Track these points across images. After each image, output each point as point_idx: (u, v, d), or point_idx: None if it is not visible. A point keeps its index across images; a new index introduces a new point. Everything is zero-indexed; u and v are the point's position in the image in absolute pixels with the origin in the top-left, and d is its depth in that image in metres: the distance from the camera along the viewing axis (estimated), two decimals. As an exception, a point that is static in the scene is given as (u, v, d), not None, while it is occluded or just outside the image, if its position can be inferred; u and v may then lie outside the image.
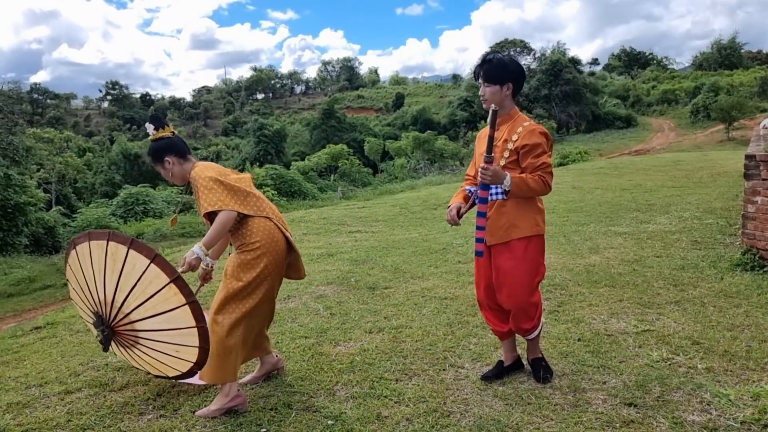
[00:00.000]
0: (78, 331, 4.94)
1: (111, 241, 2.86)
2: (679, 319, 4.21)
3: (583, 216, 8.70)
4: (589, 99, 54.34)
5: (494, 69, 3.05)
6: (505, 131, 3.11)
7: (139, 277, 2.91)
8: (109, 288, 2.94)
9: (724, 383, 3.18)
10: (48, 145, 46.42)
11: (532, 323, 3.23)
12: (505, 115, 3.14)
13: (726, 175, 13.04)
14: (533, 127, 3.07)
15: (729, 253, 5.91)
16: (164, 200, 28.40)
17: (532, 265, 3.14)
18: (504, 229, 3.11)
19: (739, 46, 71.15)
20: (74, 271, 2.97)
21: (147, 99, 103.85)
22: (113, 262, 2.90)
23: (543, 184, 3.03)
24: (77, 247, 2.82)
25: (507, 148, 3.08)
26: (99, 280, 2.86)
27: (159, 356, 3.16)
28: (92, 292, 2.96)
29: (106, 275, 2.90)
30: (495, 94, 3.06)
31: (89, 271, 2.91)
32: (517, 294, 3.13)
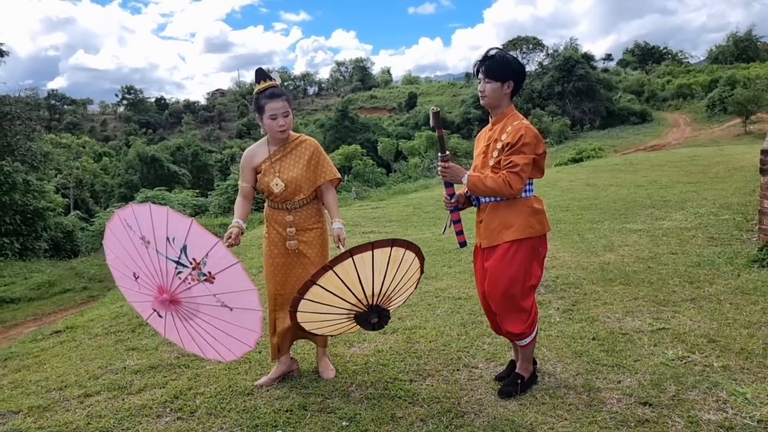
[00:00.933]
0: (96, 335, 5.01)
1: (408, 248, 2.99)
2: (694, 316, 4.18)
3: (598, 213, 8.65)
4: (603, 95, 53.98)
5: (497, 65, 3.00)
6: (497, 130, 3.07)
7: (406, 268, 3.08)
8: (386, 284, 3.02)
9: (740, 381, 3.16)
10: (65, 150, 46.98)
11: (521, 328, 3.11)
12: (501, 113, 3.09)
13: (743, 170, 12.89)
14: (520, 126, 2.97)
15: (746, 249, 5.85)
16: (180, 203, 28.64)
17: (521, 269, 3.05)
18: (496, 231, 3.07)
19: (755, 39, 70.23)
20: (359, 267, 2.90)
21: (162, 103, 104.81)
22: (406, 264, 3.02)
23: (504, 184, 2.92)
24: (354, 256, 2.85)
25: (496, 147, 3.03)
26: (378, 279, 2.96)
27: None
28: (366, 291, 2.98)
29: (396, 275, 3.01)
30: (495, 91, 3.02)
31: (381, 270, 2.96)
32: (503, 298, 3.07)
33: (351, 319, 3.04)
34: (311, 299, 2.88)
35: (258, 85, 3.34)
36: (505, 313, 3.11)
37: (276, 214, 3.44)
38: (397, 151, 48.06)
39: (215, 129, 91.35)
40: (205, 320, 2.95)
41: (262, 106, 3.30)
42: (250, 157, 3.47)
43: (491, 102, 3.08)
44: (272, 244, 3.45)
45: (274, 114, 3.28)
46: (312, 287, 2.83)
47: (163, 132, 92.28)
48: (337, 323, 3.08)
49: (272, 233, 3.45)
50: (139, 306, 3.13)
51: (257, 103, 3.33)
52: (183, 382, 3.67)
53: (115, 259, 3.05)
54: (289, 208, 3.41)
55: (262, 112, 3.30)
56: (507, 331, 3.17)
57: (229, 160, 55.83)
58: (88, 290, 14.12)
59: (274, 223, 3.44)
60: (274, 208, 3.44)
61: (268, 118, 3.29)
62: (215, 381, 3.65)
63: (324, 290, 2.86)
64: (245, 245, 8.64)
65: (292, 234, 3.41)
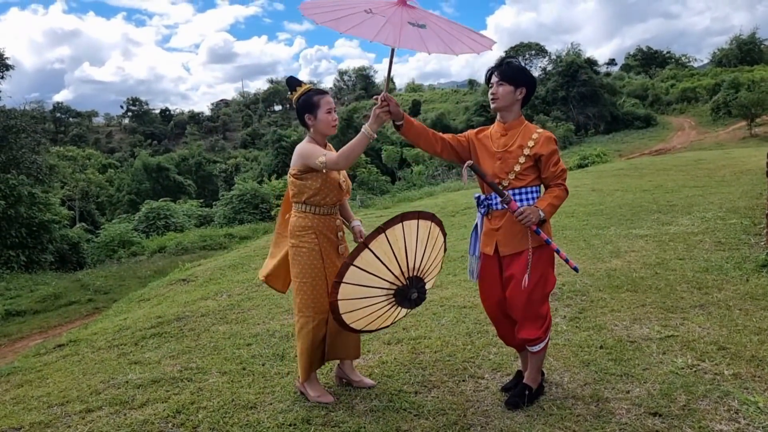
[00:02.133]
0: (100, 348, 4.98)
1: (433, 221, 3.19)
2: (703, 323, 4.12)
3: (604, 219, 8.58)
4: (607, 99, 53.86)
5: (511, 70, 3.08)
6: (518, 137, 3.08)
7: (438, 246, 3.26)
8: (425, 258, 3.18)
9: (752, 390, 3.10)
10: (71, 162, 47.20)
11: (537, 333, 3.10)
12: (515, 120, 3.13)
13: (749, 173, 12.80)
14: (548, 134, 3.08)
15: (754, 253, 5.78)
16: (185, 213, 28.74)
17: (543, 275, 3.09)
18: (518, 237, 3.07)
19: (759, 41, 70.02)
20: (392, 241, 3.05)
21: (166, 114, 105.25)
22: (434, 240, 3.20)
23: (564, 191, 3.10)
24: (404, 222, 3.05)
25: (523, 154, 3.04)
26: (420, 251, 3.12)
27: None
28: (410, 261, 3.11)
29: (426, 248, 3.16)
30: (508, 95, 3.06)
31: (412, 243, 3.09)
32: (527, 304, 3.06)
33: (391, 298, 3.13)
34: (352, 282, 2.97)
35: (295, 92, 3.36)
36: (525, 320, 3.10)
37: (326, 220, 3.35)
38: (401, 158, 48.04)
39: (220, 139, 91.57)
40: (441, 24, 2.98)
41: (315, 102, 3.28)
42: (313, 150, 3.27)
43: (502, 105, 3.09)
44: (325, 254, 3.33)
45: (329, 108, 3.29)
46: (349, 269, 2.95)
47: (168, 143, 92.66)
48: (378, 306, 3.14)
49: (323, 242, 3.33)
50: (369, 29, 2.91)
51: (307, 102, 3.29)
52: (185, 396, 3.63)
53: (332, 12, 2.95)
54: (334, 213, 3.41)
55: (316, 108, 3.27)
56: (522, 338, 3.14)
57: (234, 170, 56.01)
58: (93, 302, 14.11)
59: (326, 231, 3.34)
60: (322, 214, 3.34)
61: (324, 113, 3.28)
62: (218, 395, 3.61)
63: (362, 271, 2.97)
64: (250, 255, 8.63)
65: (341, 237, 3.41)
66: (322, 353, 3.40)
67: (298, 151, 3.33)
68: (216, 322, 5.27)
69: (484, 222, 3.24)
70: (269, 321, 5.11)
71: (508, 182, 3.08)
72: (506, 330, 3.30)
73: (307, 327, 3.31)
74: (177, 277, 8.25)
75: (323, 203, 3.33)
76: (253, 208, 25.31)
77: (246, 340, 4.64)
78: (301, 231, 3.33)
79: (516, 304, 3.09)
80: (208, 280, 7.39)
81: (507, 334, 3.31)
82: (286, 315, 5.21)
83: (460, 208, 11.32)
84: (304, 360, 3.36)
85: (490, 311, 3.30)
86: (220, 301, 6.05)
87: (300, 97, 3.33)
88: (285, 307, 5.46)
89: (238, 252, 9.76)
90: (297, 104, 3.34)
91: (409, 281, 3.09)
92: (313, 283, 3.30)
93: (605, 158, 27.08)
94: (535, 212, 2.97)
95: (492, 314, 3.30)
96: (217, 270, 7.94)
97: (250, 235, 19.97)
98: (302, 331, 3.34)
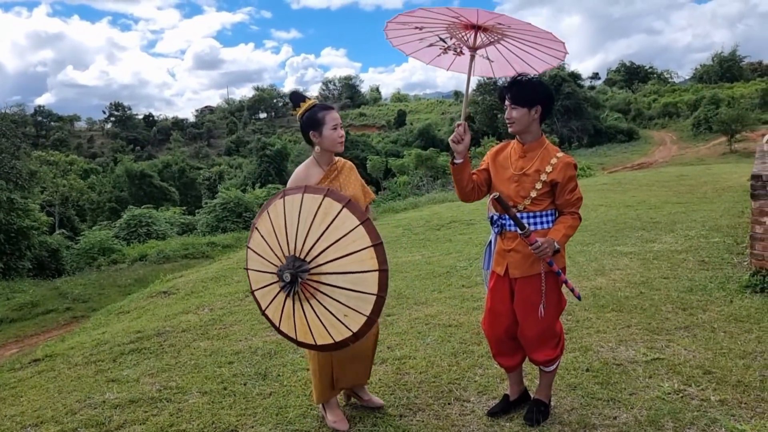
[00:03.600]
0: (76, 365, 4.86)
1: (327, 197, 2.91)
2: (689, 346, 4.11)
3: (588, 235, 8.60)
4: (591, 113, 54.39)
5: (523, 91, 2.96)
6: (537, 160, 3.00)
7: (344, 234, 2.90)
8: (311, 238, 2.92)
9: (739, 417, 3.08)
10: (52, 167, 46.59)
11: (555, 353, 3.11)
12: (534, 141, 3.04)
13: (731, 190, 12.94)
14: (568, 160, 2.99)
15: (737, 273, 5.81)
16: (167, 221, 28.44)
17: (557, 295, 3.08)
18: (530, 262, 3.01)
19: (739, 59, 71.30)
20: (273, 217, 2.95)
21: (150, 120, 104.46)
22: (324, 216, 2.92)
23: (578, 219, 3.05)
24: (287, 197, 2.89)
25: (540, 179, 2.97)
26: (303, 228, 2.90)
27: (325, 317, 2.98)
28: (290, 240, 2.93)
29: (313, 226, 2.91)
30: (523, 117, 2.97)
31: (294, 219, 2.92)
32: (543, 327, 3.05)
33: (276, 278, 2.95)
34: (254, 269, 2.95)
35: (299, 108, 3.24)
36: (541, 343, 3.07)
37: None
38: (386, 168, 48.07)
39: (204, 146, 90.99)
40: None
41: (320, 119, 3.16)
42: (304, 177, 3.22)
43: (520, 128, 3.01)
44: None
45: (335, 124, 3.18)
46: (253, 233, 2.91)
47: (151, 149, 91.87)
48: (278, 298, 2.99)
49: None
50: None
51: (312, 119, 3.17)
52: (164, 417, 3.54)
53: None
54: None
55: (320, 125, 3.16)
56: (537, 360, 3.12)
57: (218, 177, 55.66)
58: (71, 311, 13.87)
59: None
60: None
61: (329, 129, 3.17)
62: (198, 416, 3.52)
63: (256, 254, 2.95)
64: (232, 268, 8.53)
65: None
66: (332, 378, 3.29)
67: (294, 174, 3.26)
68: (197, 338, 5.17)
69: (498, 241, 3.18)
70: (252, 337, 5.03)
71: (524, 206, 3.00)
72: (506, 350, 3.22)
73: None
74: (158, 289, 8.12)
75: None
76: (237, 217, 25.09)
77: (228, 357, 4.55)
78: None
79: (530, 332, 3.05)
80: (190, 293, 7.28)
81: (506, 354, 3.24)
82: (268, 331, 5.13)
83: (445, 221, 11.30)
84: (316, 381, 3.27)
85: (494, 332, 3.20)
86: (201, 315, 5.95)
87: (304, 114, 3.21)
88: (267, 323, 5.37)
89: (220, 264, 9.64)
90: (301, 121, 3.23)
91: (286, 260, 2.90)
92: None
93: (589, 172, 27.27)
94: (551, 245, 2.90)
95: (495, 335, 3.20)
96: (199, 282, 7.82)
97: (233, 244, 19.77)
98: (310, 352, 3.25)
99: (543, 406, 3.20)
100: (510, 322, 3.12)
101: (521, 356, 3.24)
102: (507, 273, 3.09)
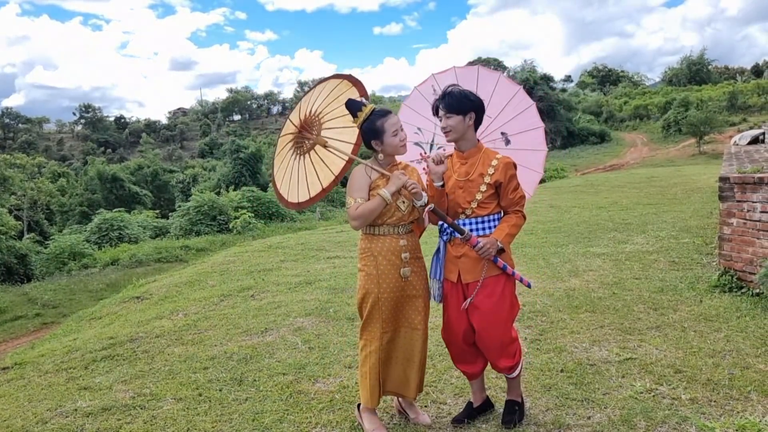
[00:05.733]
0: (47, 372, 4.76)
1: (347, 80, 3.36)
2: (660, 345, 4.18)
3: (562, 237, 8.71)
4: (564, 115, 55.08)
5: (455, 100, 3.04)
6: (478, 164, 3.07)
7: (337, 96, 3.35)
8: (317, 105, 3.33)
9: (708, 415, 3.15)
10: (19, 171, 45.67)
11: (514, 360, 3.12)
12: (473, 148, 3.12)
13: (699, 191, 13.23)
14: (507, 161, 3.07)
15: (706, 273, 5.93)
16: (140, 225, 28.02)
17: (510, 301, 3.10)
18: (481, 266, 3.05)
19: (707, 62, 72.82)
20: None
21: (122, 122, 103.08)
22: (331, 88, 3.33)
23: (521, 217, 3.12)
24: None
25: (484, 182, 3.04)
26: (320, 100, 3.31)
27: (317, 169, 3.50)
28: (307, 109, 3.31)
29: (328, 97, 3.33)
30: (459, 124, 3.04)
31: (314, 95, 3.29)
32: (498, 332, 3.06)
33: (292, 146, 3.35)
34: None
35: (358, 117, 3.17)
36: (501, 348, 3.08)
37: (387, 241, 3.16)
38: (361, 170, 48.07)
39: (177, 148, 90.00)
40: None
41: (379, 128, 3.11)
42: (364, 174, 3.22)
43: (457, 135, 3.08)
44: (383, 278, 3.14)
45: (395, 129, 3.13)
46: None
47: (123, 151, 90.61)
48: (288, 160, 3.36)
49: (383, 266, 3.16)
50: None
51: (371, 129, 3.12)
52: (138, 425, 3.49)
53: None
54: (401, 233, 3.20)
55: (381, 133, 3.11)
56: (499, 368, 3.13)
57: (191, 180, 55.02)
58: (41, 317, 13.61)
59: (385, 252, 3.16)
60: (382, 235, 3.18)
61: (390, 136, 3.11)
62: (173, 424, 3.48)
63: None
64: (206, 272, 8.45)
65: (407, 259, 3.19)
66: (379, 382, 3.23)
67: (351, 175, 3.25)
68: (171, 344, 5.11)
69: (447, 248, 3.21)
70: (227, 342, 4.98)
71: (471, 210, 3.06)
72: (467, 358, 3.23)
73: (366, 350, 3.19)
74: (130, 294, 8.00)
75: (381, 223, 3.16)
76: (211, 220, 24.80)
77: (202, 363, 4.50)
78: (362, 254, 3.21)
79: (486, 336, 3.06)
80: (164, 298, 7.19)
81: (467, 361, 3.24)
82: (244, 336, 5.09)
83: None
84: (364, 384, 3.21)
85: (452, 338, 3.22)
86: (175, 320, 5.88)
87: (363, 122, 3.16)
88: (243, 327, 5.34)
89: (194, 268, 9.54)
90: (361, 130, 3.19)
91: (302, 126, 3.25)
92: (370, 309, 3.15)
93: (562, 173, 27.62)
94: (494, 244, 2.98)
95: (453, 341, 3.22)
96: (173, 287, 7.73)
97: (207, 247, 19.58)
98: (362, 353, 3.22)
99: (518, 406, 3.24)
100: (466, 327, 3.13)
101: (482, 364, 3.23)
102: (459, 279, 3.12)
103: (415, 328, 3.20)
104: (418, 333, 3.20)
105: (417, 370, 3.24)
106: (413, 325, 3.20)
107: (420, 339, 3.21)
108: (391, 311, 3.16)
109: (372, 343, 3.16)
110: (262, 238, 14.91)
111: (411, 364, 3.23)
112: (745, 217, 5.31)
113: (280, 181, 3.39)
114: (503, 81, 3.62)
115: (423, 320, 3.22)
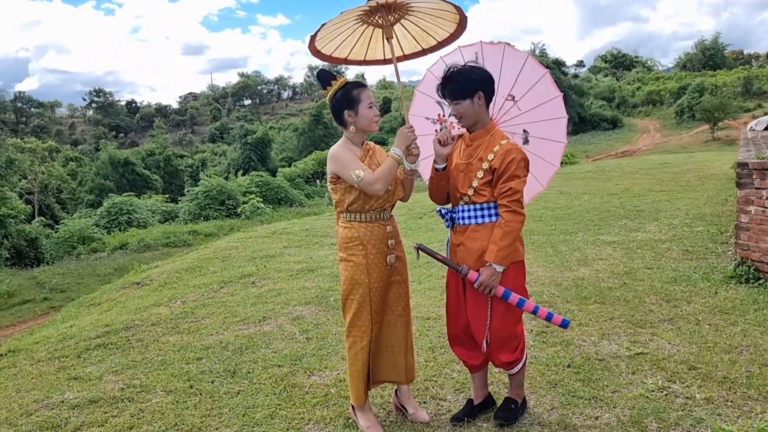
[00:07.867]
0: (39, 360, 4.64)
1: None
2: (673, 339, 3.98)
3: (571, 224, 8.48)
4: (575, 101, 54.38)
5: (459, 84, 2.80)
6: (482, 148, 2.85)
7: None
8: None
9: (725, 417, 2.95)
10: (30, 154, 45.79)
11: (514, 356, 2.93)
12: (481, 129, 2.89)
13: (714, 178, 12.91)
14: (509, 147, 2.80)
15: (722, 263, 5.71)
16: (149, 209, 28.02)
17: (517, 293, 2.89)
18: (477, 256, 2.85)
19: (722, 47, 71.65)
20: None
21: (133, 106, 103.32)
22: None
23: (511, 219, 2.76)
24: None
25: (481, 167, 2.82)
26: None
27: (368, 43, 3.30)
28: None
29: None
30: (469, 109, 2.82)
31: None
32: (501, 326, 2.88)
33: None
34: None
35: (329, 88, 2.99)
36: (501, 343, 2.90)
37: (374, 228, 3.00)
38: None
39: (188, 133, 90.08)
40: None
41: (355, 97, 2.93)
42: (348, 149, 2.99)
43: (471, 120, 2.86)
44: (372, 268, 2.99)
45: (371, 102, 2.96)
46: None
47: (134, 136, 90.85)
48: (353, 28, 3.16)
49: (372, 254, 2.99)
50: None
51: (346, 97, 2.94)
52: (125, 419, 3.35)
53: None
54: (385, 218, 3.04)
55: (356, 104, 2.93)
56: (498, 362, 2.96)
57: (201, 164, 55.05)
58: (49, 301, 13.59)
59: (373, 240, 2.99)
60: (368, 221, 3.01)
61: (365, 108, 2.94)
62: (160, 417, 3.34)
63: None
64: (208, 258, 8.31)
65: (392, 246, 3.04)
66: (368, 374, 3.09)
67: (332, 155, 2.97)
68: (166, 332, 4.97)
69: (451, 235, 3.04)
70: (223, 331, 4.84)
71: (468, 198, 2.86)
72: (466, 349, 3.07)
73: (356, 348, 3.02)
74: (131, 279, 7.88)
75: (368, 209, 2.99)
76: (219, 205, 24.73)
77: (197, 353, 4.36)
78: (348, 243, 3.00)
79: (491, 327, 2.89)
80: (163, 285, 7.06)
81: (466, 353, 3.08)
82: (241, 325, 4.95)
83: (427, 209, 11.12)
84: (354, 383, 3.05)
85: (453, 331, 3.08)
86: (173, 308, 5.74)
87: (336, 92, 2.97)
88: (241, 315, 5.20)
89: (197, 254, 9.40)
90: (333, 100, 2.98)
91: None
92: (360, 301, 2.98)
93: (573, 159, 27.26)
94: (492, 273, 2.75)
95: (455, 335, 3.08)
96: (174, 273, 7.60)
97: (215, 232, 19.50)
98: (350, 351, 3.05)
99: (513, 404, 3.06)
100: (465, 321, 2.98)
101: (482, 356, 3.06)
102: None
103: (400, 315, 3.08)
104: (402, 319, 3.09)
105: (404, 354, 3.11)
106: (397, 312, 3.07)
107: (404, 325, 3.09)
108: (380, 301, 3.01)
109: (363, 338, 3.00)
110: (269, 224, 14.78)
111: (398, 350, 3.10)
112: (763, 204, 5.07)
113: (326, 30, 3.07)
114: (530, 62, 3.29)
115: (405, 306, 3.10)
